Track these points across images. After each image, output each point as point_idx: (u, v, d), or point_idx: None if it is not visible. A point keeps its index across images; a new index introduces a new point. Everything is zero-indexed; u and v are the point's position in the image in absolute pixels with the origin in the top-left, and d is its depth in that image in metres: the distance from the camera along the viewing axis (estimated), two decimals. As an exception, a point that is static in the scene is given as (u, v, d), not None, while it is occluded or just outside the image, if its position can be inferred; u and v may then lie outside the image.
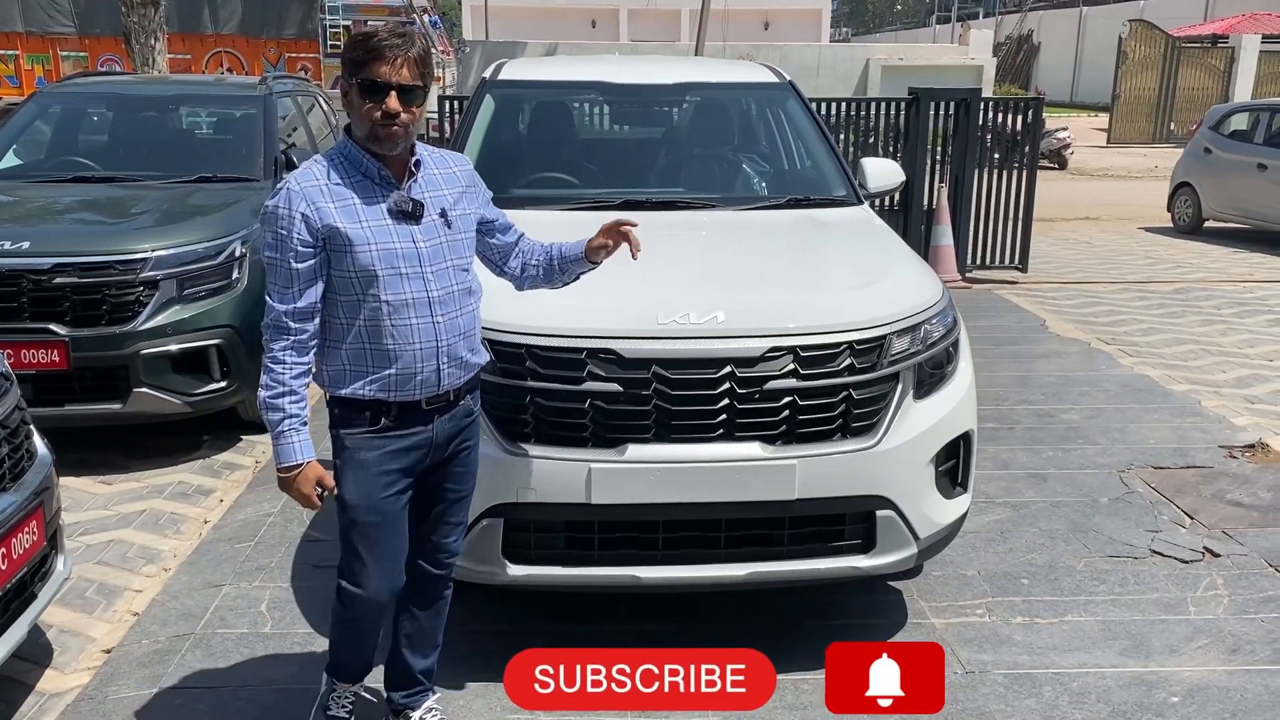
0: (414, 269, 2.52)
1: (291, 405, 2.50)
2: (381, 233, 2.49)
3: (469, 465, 2.80)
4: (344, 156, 2.54)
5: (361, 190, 2.51)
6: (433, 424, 2.63)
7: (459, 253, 2.62)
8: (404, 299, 2.51)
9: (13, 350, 4.57)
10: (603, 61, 5.66)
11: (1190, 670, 3.39)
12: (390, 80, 2.43)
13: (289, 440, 2.51)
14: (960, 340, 3.55)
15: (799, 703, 3.16)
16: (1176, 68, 28.09)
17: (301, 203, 2.45)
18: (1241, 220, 12.32)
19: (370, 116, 2.45)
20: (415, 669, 2.93)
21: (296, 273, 2.46)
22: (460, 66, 21.47)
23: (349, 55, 2.47)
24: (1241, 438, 5.52)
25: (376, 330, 2.51)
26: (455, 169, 2.71)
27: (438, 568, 2.85)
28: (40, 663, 3.40)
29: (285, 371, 2.49)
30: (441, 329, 2.56)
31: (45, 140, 6.64)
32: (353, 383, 2.55)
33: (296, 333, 2.49)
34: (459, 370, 2.63)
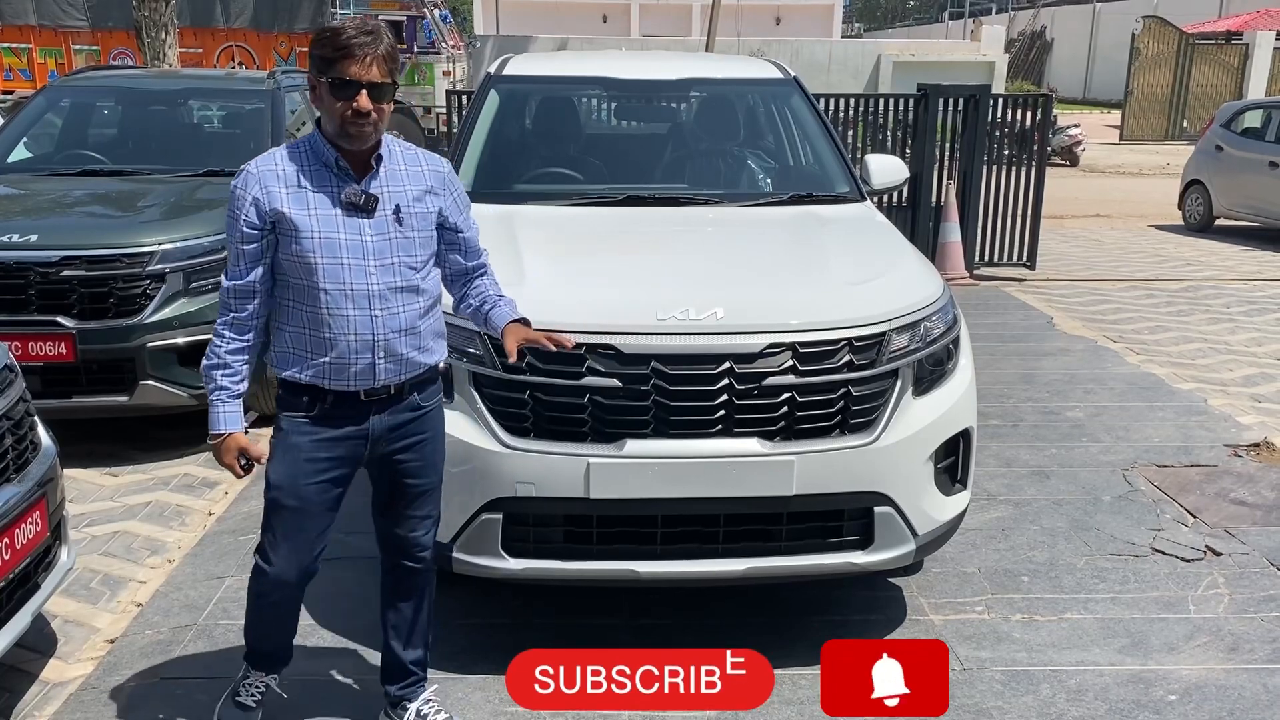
0: (357, 261, 2.55)
1: (223, 378, 2.60)
2: (327, 222, 2.54)
3: (427, 459, 2.81)
4: (309, 146, 2.59)
5: (317, 179, 2.55)
6: (370, 418, 2.66)
7: (408, 250, 2.63)
8: (343, 289, 2.55)
9: (20, 342, 4.60)
10: (608, 57, 5.68)
11: (1189, 668, 3.39)
12: (361, 79, 2.46)
13: (218, 410, 2.60)
14: (961, 337, 3.55)
15: (797, 698, 3.17)
16: (1190, 64, 27.93)
17: (255, 186, 2.53)
18: (1252, 218, 12.26)
19: (342, 114, 2.49)
20: (406, 660, 2.95)
21: (242, 252, 2.55)
22: (471, 61, 21.47)
23: (318, 52, 2.49)
24: (1247, 436, 5.50)
25: (316, 317, 2.57)
26: (424, 168, 2.70)
27: (413, 560, 2.88)
28: (44, 652, 3.43)
29: (222, 345, 2.60)
30: (379, 323, 2.58)
31: (55, 133, 6.68)
32: (292, 366, 2.62)
33: (236, 310, 2.59)
34: (398, 366, 2.64)
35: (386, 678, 2.99)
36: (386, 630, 2.95)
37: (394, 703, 2.99)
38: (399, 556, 2.88)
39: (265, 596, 2.82)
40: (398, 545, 2.86)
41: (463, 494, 3.12)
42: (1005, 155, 9.67)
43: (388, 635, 2.95)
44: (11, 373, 3.15)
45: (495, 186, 4.42)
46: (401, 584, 2.91)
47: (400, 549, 2.87)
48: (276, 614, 2.89)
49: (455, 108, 9.37)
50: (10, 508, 2.90)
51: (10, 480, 2.97)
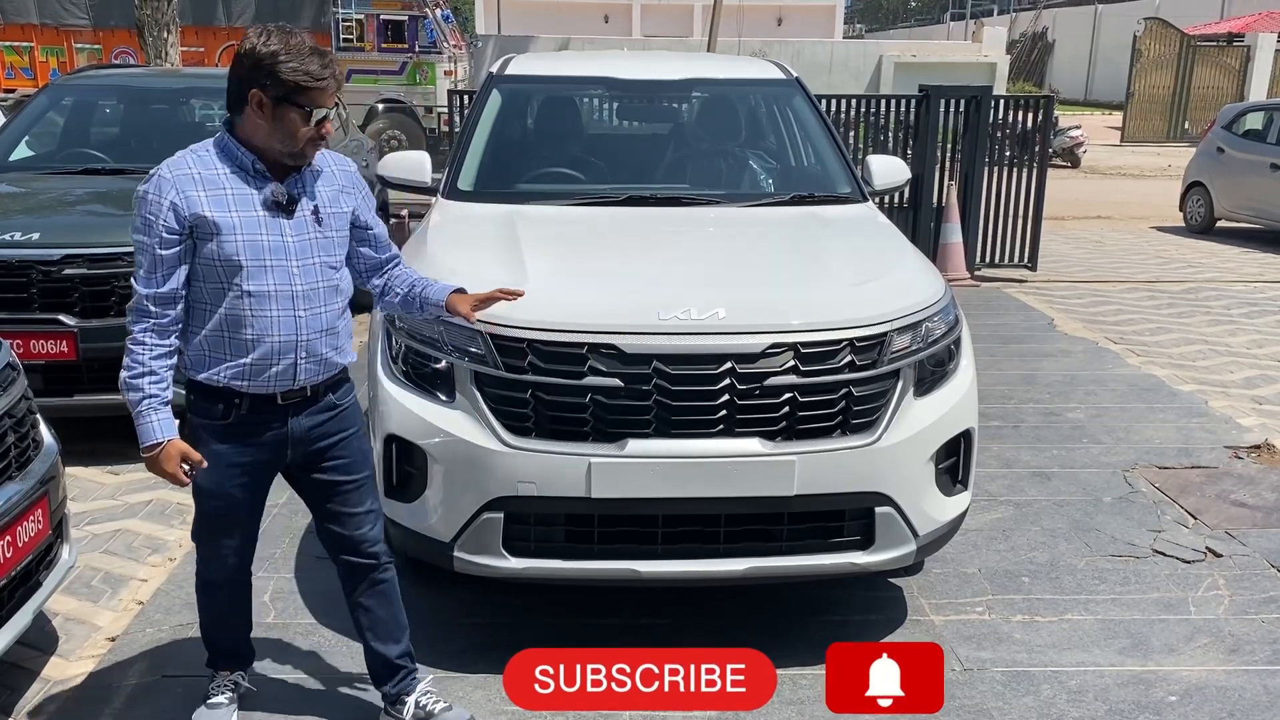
0: (280, 262, 2.57)
1: (151, 385, 2.55)
2: (250, 224, 2.54)
3: (351, 454, 2.82)
4: (220, 149, 2.58)
5: (235, 181, 2.56)
6: (288, 421, 2.68)
7: (328, 250, 2.66)
8: (267, 290, 2.56)
9: (22, 340, 4.60)
10: (610, 57, 5.69)
11: (1189, 670, 3.39)
12: (329, 106, 2.53)
13: (149, 419, 2.55)
14: (962, 338, 3.56)
15: (797, 698, 3.17)
16: (1191, 66, 27.92)
17: (172, 190, 2.50)
18: (1253, 220, 12.26)
19: (305, 137, 2.52)
20: (390, 656, 2.96)
21: (161, 258, 2.52)
22: (472, 60, 21.47)
23: (290, 79, 2.46)
24: (1247, 438, 5.51)
25: (238, 319, 2.56)
26: (334, 168, 2.74)
27: (365, 557, 2.89)
28: (45, 650, 3.44)
29: (145, 353, 2.55)
30: (303, 323, 2.61)
31: (57, 132, 6.69)
32: (210, 368, 2.60)
33: (158, 316, 2.55)
34: (317, 367, 2.66)
35: (377, 679, 3.00)
36: (363, 633, 2.97)
37: (392, 700, 2.99)
38: (352, 557, 2.89)
39: (216, 601, 2.93)
40: (347, 546, 2.87)
41: (464, 493, 3.13)
42: (1007, 156, 9.67)
43: (365, 638, 2.96)
44: (14, 371, 3.16)
45: (497, 186, 4.42)
46: (362, 584, 2.92)
47: (350, 549, 2.88)
48: (231, 614, 2.97)
49: (457, 107, 9.37)
50: (12, 506, 2.90)
51: (12, 478, 2.97)
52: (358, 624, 2.97)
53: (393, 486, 3.31)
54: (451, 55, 17.98)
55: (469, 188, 4.35)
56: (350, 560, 2.89)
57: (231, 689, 3.02)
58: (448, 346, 3.18)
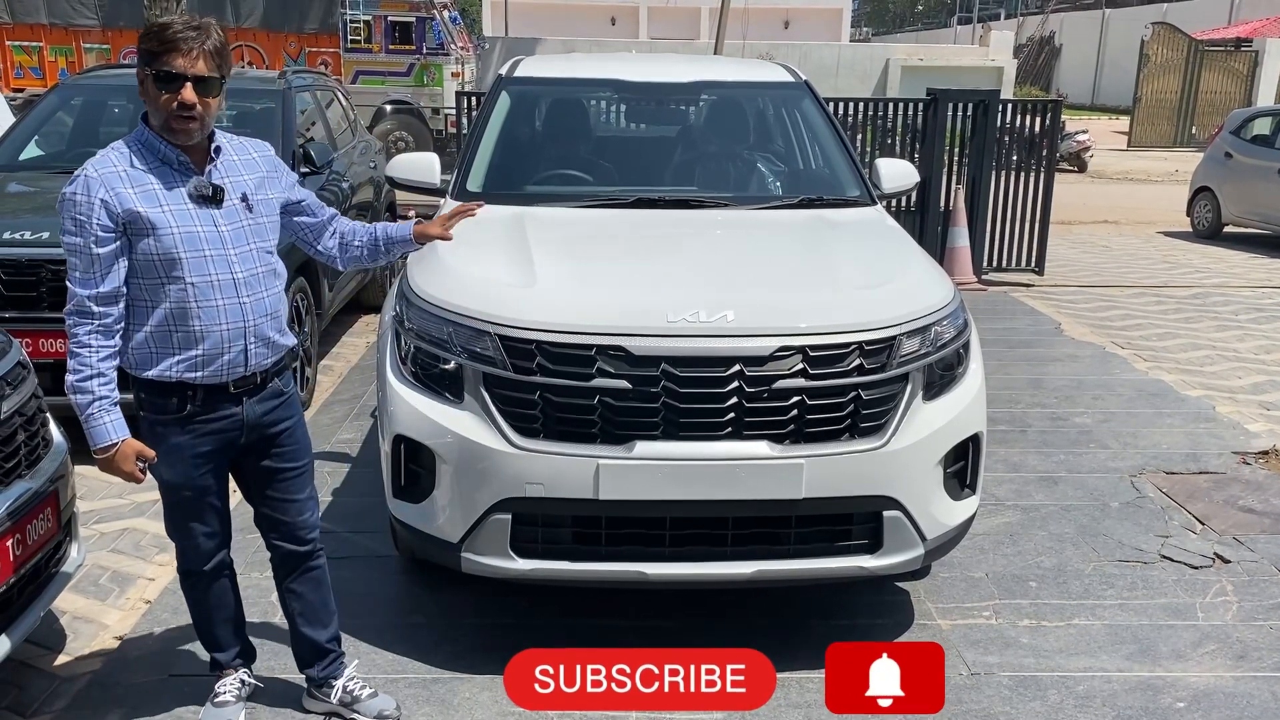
0: (218, 251, 2.59)
1: (100, 387, 2.56)
2: (183, 216, 2.56)
3: (296, 442, 2.88)
4: (141, 143, 2.59)
5: (161, 176, 2.57)
6: (241, 406, 2.71)
7: (262, 236, 2.70)
8: (209, 280, 2.58)
9: (31, 339, 4.61)
10: (618, 59, 5.68)
11: (1197, 676, 3.38)
12: (186, 71, 2.49)
13: (100, 421, 2.57)
14: (971, 342, 3.55)
15: (804, 701, 3.17)
16: (1199, 71, 27.87)
17: (101, 189, 2.50)
18: (1261, 225, 12.23)
19: (167, 107, 2.51)
20: (320, 640, 3.02)
21: (98, 257, 2.52)
22: (480, 62, 21.50)
23: (144, 46, 2.51)
24: (1255, 444, 5.49)
25: (183, 312, 2.58)
26: (255, 155, 2.77)
27: (300, 544, 2.94)
28: (54, 648, 3.44)
29: (92, 355, 2.55)
30: (249, 309, 2.64)
31: (66, 131, 6.70)
32: (159, 364, 2.61)
33: (101, 316, 2.55)
34: (267, 350, 2.71)
35: (304, 662, 3.06)
36: (293, 619, 3.02)
37: (318, 684, 3.05)
38: (287, 542, 2.94)
39: (203, 594, 2.96)
40: (284, 533, 2.93)
41: (472, 494, 3.13)
42: (1014, 161, 9.66)
43: (295, 623, 3.02)
44: (24, 369, 3.17)
45: (506, 188, 4.42)
46: (295, 569, 2.97)
47: (288, 535, 2.93)
48: (220, 606, 3.00)
49: (464, 109, 9.39)
50: (22, 504, 2.91)
51: (22, 476, 2.98)
52: (288, 609, 3.02)
53: (401, 487, 3.31)
54: (459, 57, 18.00)
55: (478, 189, 4.35)
56: (285, 546, 2.94)
57: (238, 686, 3.04)
58: (457, 347, 3.18)
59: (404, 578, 3.88)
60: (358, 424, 5.52)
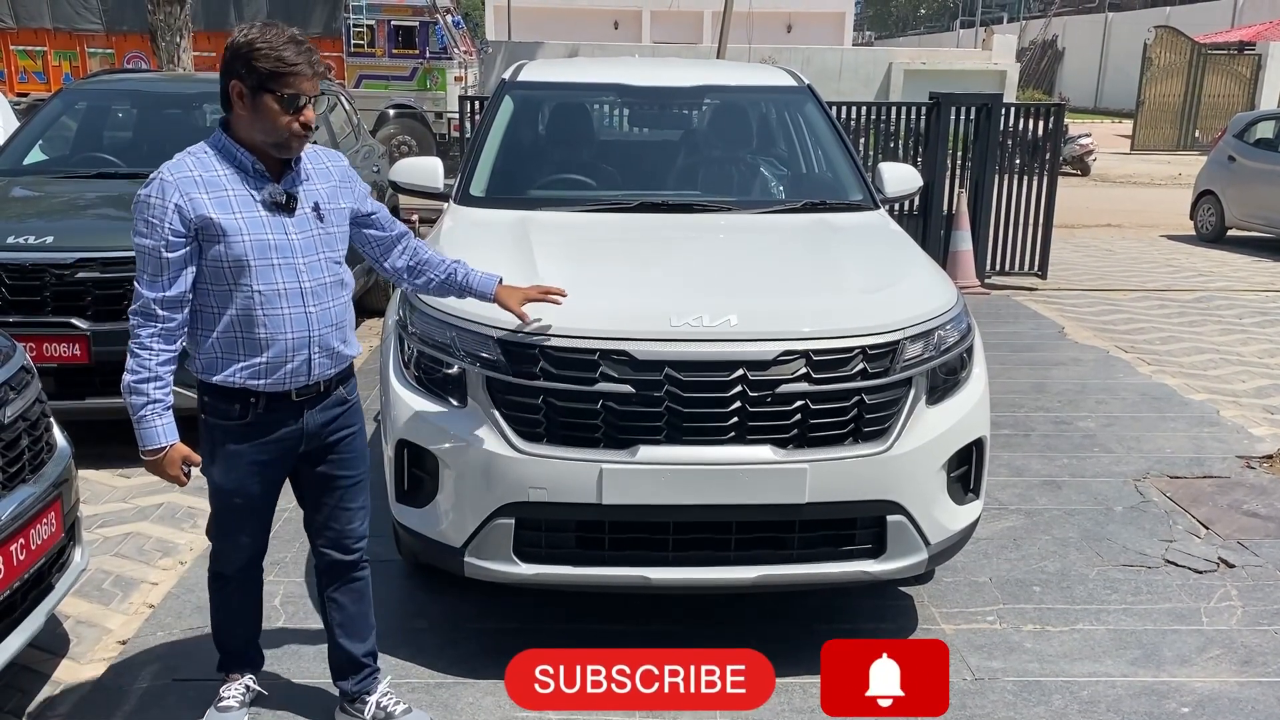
0: (287, 260, 2.59)
1: (156, 390, 2.57)
2: (255, 224, 2.56)
3: (355, 451, 2.87)
4: (219, 150, 2.60)
5: (235, 183, 2.58)
6: (303, 415, 2.71)
7: (331, 246, 2.70)
8: (276, 289, 2.59)
9: (35, 343, 4.61)
10: (621, 64, 5.68)
11: (1202, 681, 3.37)
12: (308, 93, 2.53)
13: (152, 425, 2.58)
14: (974, 346, 3.55)
15: (806, 705, 3.16)
16: (1202, 74, 27.86)
17: (175, 193, 2.51)
18: (1265, 229, 12.22)
19: (289, 127, 2.53)
20: (357, 654, 3.00)
21: (167, 261, 2.52)
22: (482, 67, 21.52)
23: (262, 66, 2.48)
24: (1260, 448, 5.48)
25: (249, 319, 2.58)
26: (329, 164, 2.78)
27: (347, 554, 2.92)
28: (57, 652, 3.44)
29: (151, 358, 2.56)
30: (314, 319, 2.64)
31: (70, 136, 6.71)
32: (224, 370, 2.62)
33: (164, 320, 2.56)
34: (330, 361, 2.70)
35: (339, 674, 3.04)
36: (331, 629, 3.00)
37: (351, 698, 3.03)
38: (334, 551, 2.92)
39: (228, 597, 2.98)
40: (333, 541, 2.91)
41: (476, 498, 3.13)
42: (1017, 164, 9.66)
43: (334, 633, 3.00)
44: (28, 374, 3.17)
45: (509, 192, 4.43)
46: (339, 578, 2.96)
47: (334, 543, 2.91)
48: (241, 611, 3.02)
49: (467, 113, 9.40)
50: (26, 508, 2.91)
51: (26, 481, 2.98)
52: (328, 618, 3.00)
53: (404, 491, 3.31)
54: (462, 61, 18.03)
55: (481, 193, 4.36)
56: (333, 555, 2.93)
57: (242, 693, 3.03)
58: (460, 352, 3.19)
59: (407, 582, 3.88)
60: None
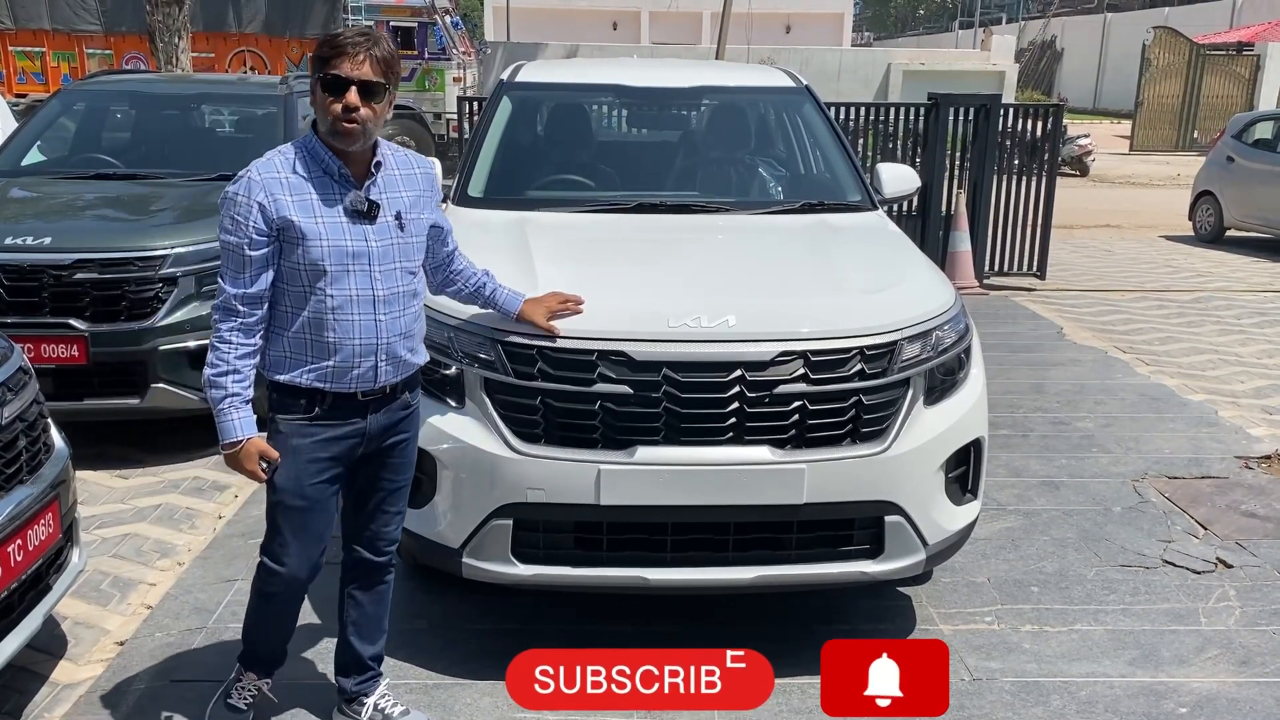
0: (363, 267, 2.60)
1: (234, 384, 2.58)
2: (334, 229, 2.57)
3: (406, 457, 2.88)
4: (308, 151, 2.61)
5: (320, 186, 2.58)
6: (367, 417, 2.71)
7: (409, 255, 2.70)
8: (349, 295, 2.59)
9: (33, 344, 4.61)
10: (620, 64, 5.68)
11: (1200, 681, 3.37)
12: (352, 75, 2.51)
13: (231, 418, 2.59)
14: (972, 347, 3.55)
15: (805, 706, 3.16)
16: (1201, 75, 27.88)
17: (260, 192, 2.53)
18: (1263, 230, 12.23)
19: (332, 111, 2.53)
20: (365, 655, 3.00)
21: (249, 259, 2.55)
22: (481, 67, 21.54)
23: (317, 53, 2.55)
24: (1258, 448, 5.48)
25: (320, 322, 2.60)
26: (417, 171, 2.78)
27: (378, 555, 2.93)
28: (55, 654, 3.44)
29: (231, 351, 2.58)
30: (383, 327, 2.64)
31: (69, 137, 6.71)
32: (292, 369, 2.64)
33: (245, 315, 2.58)
34: (395, 368, 2.71)
35: (342, 672, 3.03)
36: (345, 625, 2.99)
37: (350, 698, 3.03)
38: (365, 551, 2.92)
39: (276, 599, 2.87)
40: (365, 540, 2.91)
41: (474, 499, 3.13)
42: (1015, 165, 9.67)
43: (346, 630, 2.99)
44: (26, 375, 3.17)
45: (507, 193, 4.43)
46: (365, 579, 2.96)
47: (367, 544, 2.91)
48: (283, 615, 2.95)
49: (466, 114, 9.40)
50: (24, 509, 2.91)
51: (24, 482, 2.98)
52: (343, 615, 2.99)
53: (402, 492, 3.31)
54: (461, 62, 18.04)
55: (479, 194, 4.35)
56: (362, 553, 2.92)
57: (254, 695, 3.00)
58: (458, 353, 3.19)
59: (405, 583, 3.87)
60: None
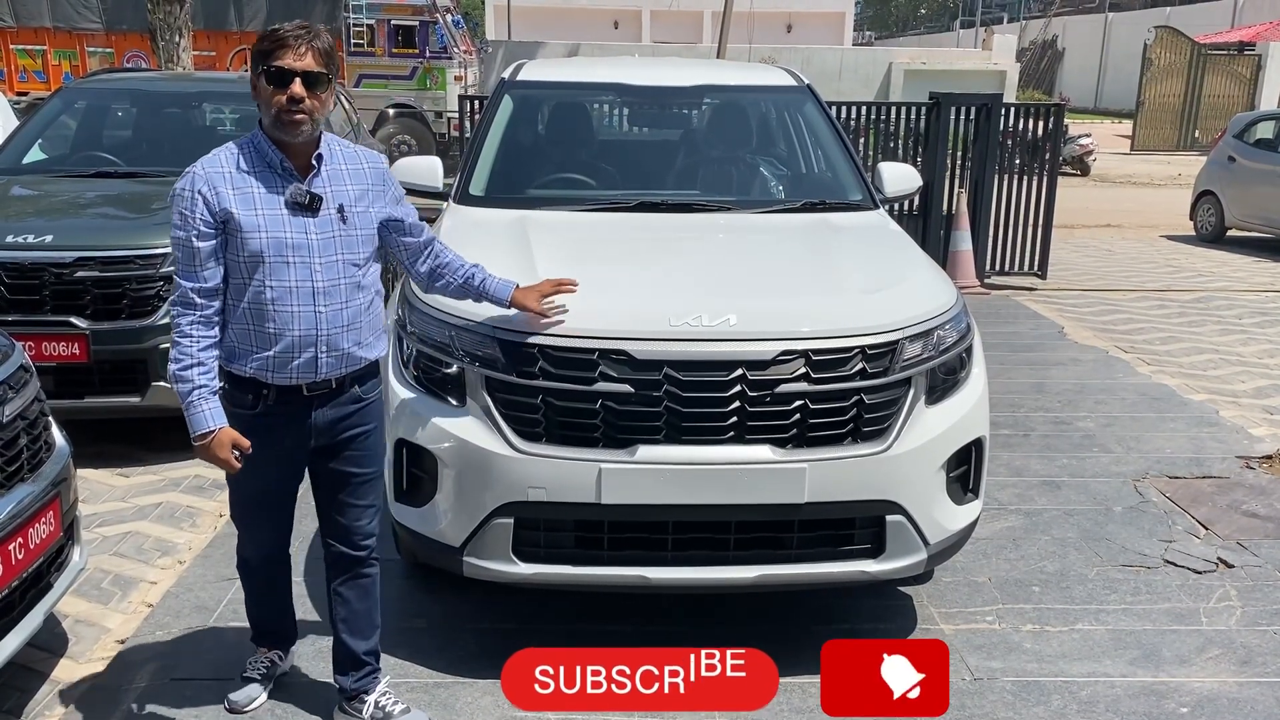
0: (302, 259, 2.63)
1: (200, 376, 2.63)
2: (274, 222, 2.61)
3: (367, 450, 2.91)
4: (252, 146, 2.66)
5: (263, 179, 2.63)
6: (312, 411, 2.75)
7: (352, 248, 2.72)
8: (288, 286, 2.63)
9: (34, 342, 4.60)
10: (621, 63, 5.67)
11: (1201, 681, 3.37)
12: (295, 67, 2.56)
13: (199, 409, 2.63)
14: (974, 346, 3.55)
15: (805, 706, 3.16)
16: (1202, 75, 27.87)
17: (203, 185, 2.59)
18: (1265, 229, 12.22)
19: (277, 102, 2.57)
20: (359, 651, 3.02)
21: (198, 251, 2.60)
22: (482, 66, 21.51)
23: (257, 48, 2.60)
24: (1259, 448, 5.48)
25: (260, 313, 2.64)
26: (365, 166, 2.80)
27: (355, 549, 2.96)
28: (55, 652, 3.44)
29: (194, 345, 2.63)
30: (323, 319, 2.67)
31: (70, 135, 6.71)
32: (238, 359, 2.69)
33: (203, 308, 2.64)
34: (339, 361, 2.73)
35: (339, 669, 3.06)
36: (336, 624, 3.03)
37: (350, 696, 3.04)
38: (341, 546, 2.96)
39: (255, 583, 3.11)
40: (341, 536, 2.95)
41: (474, 498, 3.13)
42: (1017, 164, 9.66)
43: (337, 628, 3.02)
44: (27, 373, 3.17)
45: (508, 191, 4.43)
46: (347, 574, 2.99)
47: (343, 538, 2.95)
48: (267, 591, 3.12)
49: (467, 112, 9.39)
50: (24, 507, 2.91)
51: (25, 480, 2.98)
52: (333, 613, 3.03)
53: (403, 491, 3.31)
54: (462, 60, 18.02)
55: (481, 193, 4.35)
56: (339, 548, 2.96)
57: (266, 668, 3.12)
58: (459, 352, 3.18)
59: (406, 582, 3.88)
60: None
